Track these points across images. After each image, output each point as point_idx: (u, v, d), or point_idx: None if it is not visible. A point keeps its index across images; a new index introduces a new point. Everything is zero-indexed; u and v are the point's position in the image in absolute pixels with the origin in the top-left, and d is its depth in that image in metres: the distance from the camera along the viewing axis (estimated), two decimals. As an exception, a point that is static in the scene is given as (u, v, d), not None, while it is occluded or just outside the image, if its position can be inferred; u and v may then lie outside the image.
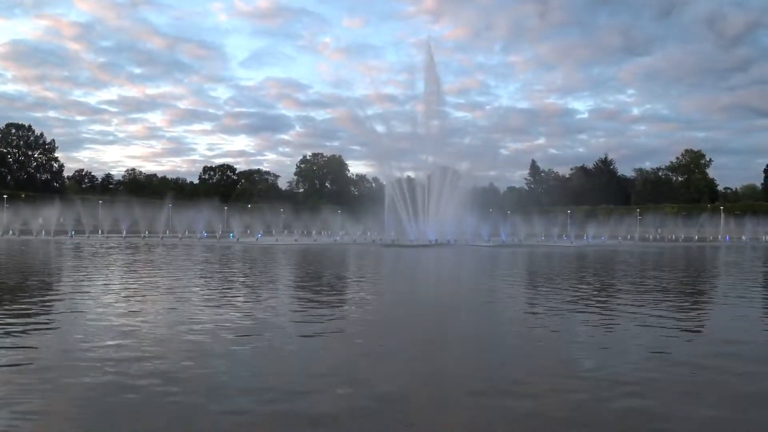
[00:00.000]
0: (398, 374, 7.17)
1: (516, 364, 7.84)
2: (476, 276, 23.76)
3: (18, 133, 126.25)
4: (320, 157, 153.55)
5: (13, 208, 76.19)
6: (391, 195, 60.07)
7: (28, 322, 10.37)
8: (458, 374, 7.36)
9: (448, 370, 7.63)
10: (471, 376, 7.20)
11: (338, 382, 6.78)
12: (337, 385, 6.62)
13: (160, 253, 33.63)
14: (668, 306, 13.69)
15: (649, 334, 9.93)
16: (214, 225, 73.59)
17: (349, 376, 7.08)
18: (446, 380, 7.04)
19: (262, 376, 7.04)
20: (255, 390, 6.32)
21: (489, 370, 7.45)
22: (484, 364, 7.88)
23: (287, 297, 15.03)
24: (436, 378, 7.09)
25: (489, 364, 7.79)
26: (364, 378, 6.95)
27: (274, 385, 6.52)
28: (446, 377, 7.21)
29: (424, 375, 7.22)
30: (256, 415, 5.59)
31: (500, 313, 12.61)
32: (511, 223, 62.48)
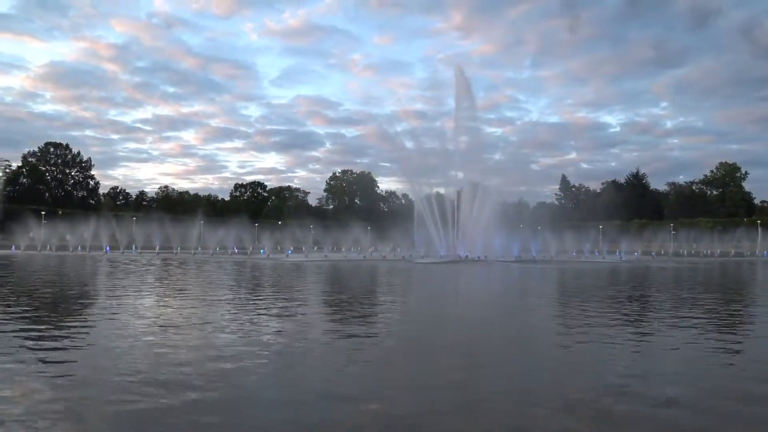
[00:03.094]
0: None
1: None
2: (513, 295, 23.47)
3: (56, 152, 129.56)
4: (350, 174, 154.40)
5: (51, 224, 78.01)
6: (420, 211, 60.02)
7: (69, 333, 10.62)
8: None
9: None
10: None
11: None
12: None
13: (195, 269, 34.03)
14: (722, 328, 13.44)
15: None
16: (244, 241, 74.26)
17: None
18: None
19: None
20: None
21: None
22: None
23: (320, 316, 15.10)
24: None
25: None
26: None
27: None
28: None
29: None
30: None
31: (558, 339, 11.66)
32: (542, 239, 61.87)
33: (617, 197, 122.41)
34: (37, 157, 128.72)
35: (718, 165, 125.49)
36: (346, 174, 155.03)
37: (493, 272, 37.14)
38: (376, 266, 41.85)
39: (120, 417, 6.10)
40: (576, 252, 66.58)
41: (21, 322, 12.46)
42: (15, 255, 54.11)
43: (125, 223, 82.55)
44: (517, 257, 54.59)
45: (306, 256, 56.34)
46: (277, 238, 77.86)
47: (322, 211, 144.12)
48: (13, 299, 17.22)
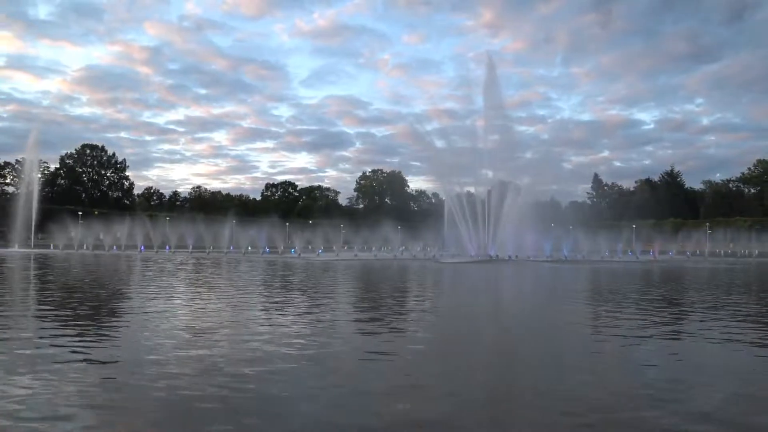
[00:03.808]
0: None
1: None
2: (544, 296, 23.24)
3: (92, 154, 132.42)
4: (380, 173, 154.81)
5: (87, 224, 79.78)
6: (450, 210, 59.85)
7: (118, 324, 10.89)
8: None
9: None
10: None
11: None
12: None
13: (228, 268, 34.46)
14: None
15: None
16: (275, 241, 74.93)
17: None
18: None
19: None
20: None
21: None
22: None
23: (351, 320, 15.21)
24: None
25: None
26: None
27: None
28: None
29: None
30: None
31: (602, 341, 11.18)
32: (574, 239, 61.23)
33: (651, 196, 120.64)
34: (74, 159, 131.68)
35: (756, 162, 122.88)
36: (377, 173, 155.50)
37: (524, 272, 36.88)
38: (405, 266, 41.88)
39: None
40: (609, 252, 65.68)
41: (64, 320, 12.78)
42: (54, 254, 55.39)
43: (159, 222, 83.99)
44: (549, 257, 54.11)
45: (336, 256, 56.62)
46: (308, 238, 78.42)
47: (352, 210, 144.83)
48: (59, 297, 17.70)
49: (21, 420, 5.77)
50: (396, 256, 59.41)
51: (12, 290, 20.45)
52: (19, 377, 7.38)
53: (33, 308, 15.05)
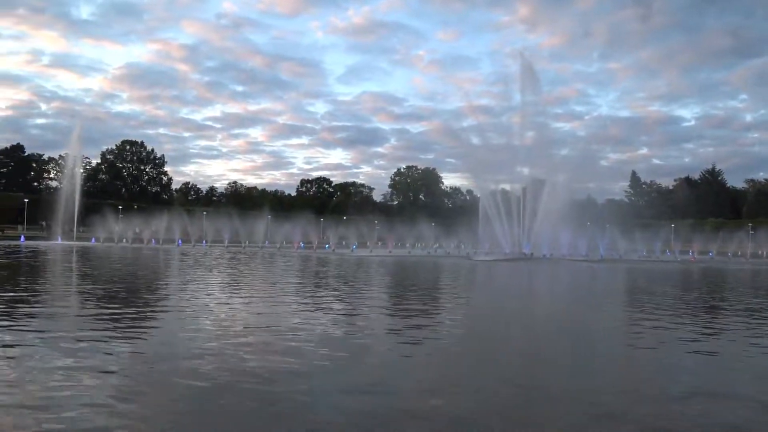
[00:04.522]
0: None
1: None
2: (579, 295, 23.01)
3: (132, 149, 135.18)
4: (414, 170, 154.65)
5: (127, 218, 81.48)
6: (485, 207, 59.52)
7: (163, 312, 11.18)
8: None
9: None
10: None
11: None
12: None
13: (264, 263, 34.86)
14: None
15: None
16: (310, 236, 75.50)
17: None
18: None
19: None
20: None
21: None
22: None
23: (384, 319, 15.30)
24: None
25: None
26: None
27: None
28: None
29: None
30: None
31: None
32: (611, 237, 60.29)
33: (691, 195, 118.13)
34: (115, 155, 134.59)
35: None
36: (411, 170, 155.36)
37: (559, 271, 36.53)
38: (439, 263, 41.83)
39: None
40: (646, 251, 64.54)
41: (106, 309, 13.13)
42: (95, 247, 56.72)
43: (196, 217, 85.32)
44: (585, 256, 53.45)
45: (370, 252, 56.79)
46: (342, 234, 78.80)
47: (386, 206, 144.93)
48: (102, 288, 18.20)
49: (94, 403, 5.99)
50: (429, 253, 59.34)
51: (75, 281, 21.08)
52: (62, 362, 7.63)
53: (88, 300, 15.49)
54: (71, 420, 5.60)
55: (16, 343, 9.04)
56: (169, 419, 5.82)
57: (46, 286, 19.38)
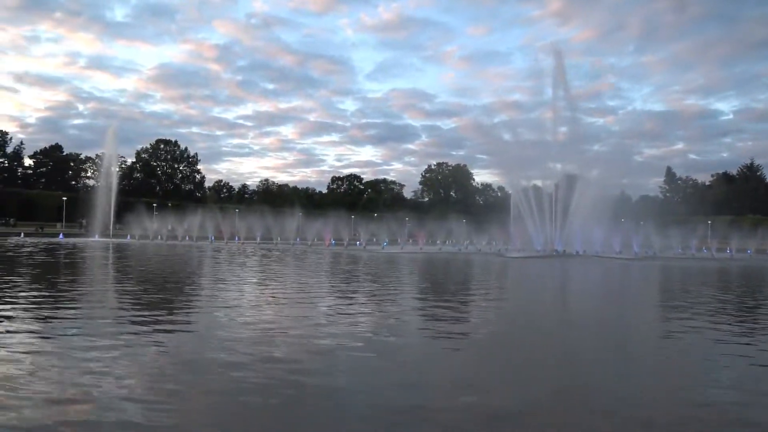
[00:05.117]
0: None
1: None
2: (612, 294, 22.68)
3: (166, 148, 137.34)
4: (445, 167, 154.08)
5: (161, 215, 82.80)
6: (516, 204, 59.11)
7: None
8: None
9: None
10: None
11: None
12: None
13: (298, 259, 35.09)
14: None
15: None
16: (341, 233, 75.80)
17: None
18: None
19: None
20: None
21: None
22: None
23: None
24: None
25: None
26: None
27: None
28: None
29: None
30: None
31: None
32: (645, 234, 59.28)
33: (728, 190, 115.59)
34: (149, 154, 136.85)
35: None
36: (442, 166, 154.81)
37: (592, 269, 36.11)
38: (470, 260, 41.67)
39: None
40: (681, 249, 63.26)
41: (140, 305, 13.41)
42: (131, 243, 57.78)
43: (229, 214, 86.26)
44: (618, 253, 52.71)
45: (401, 249, 56.79)
46: (373, 231, 78.92)
47: (417, 203, 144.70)
48: (141, 284, 18.58)
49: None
50: (461, 250, 59.13)
51: (122, 276, 21.55)
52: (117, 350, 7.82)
53: (130, 293, 15.84)
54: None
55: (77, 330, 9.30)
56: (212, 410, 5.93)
57: (102, 278, 19.85)
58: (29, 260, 28.79)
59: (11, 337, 9.41)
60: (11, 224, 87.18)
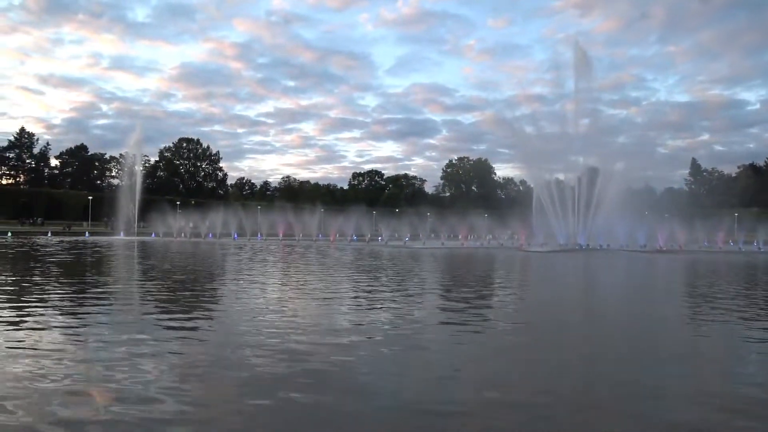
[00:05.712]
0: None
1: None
2: (639, 288, 22.33)
3: (188, 147, 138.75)
4: (466, 161, 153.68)
5: (185, 213, 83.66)
6: (539, 198, 58.75)
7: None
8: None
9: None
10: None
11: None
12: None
13: (320, 255, 35.18)
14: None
15: None
16: (363, 229, 76.00)
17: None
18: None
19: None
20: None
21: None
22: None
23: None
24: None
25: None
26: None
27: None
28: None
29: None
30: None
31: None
32: (670, 227, 58.54)
33: (756, 182, 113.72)
34: (172, 152, 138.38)
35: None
36: (463, 161, 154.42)
37: (617, 262, 35.77)
38: (493, 254, 41.53)
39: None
40: (708, 242, 62.36)
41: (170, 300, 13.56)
42: (155, 241, 58.44)
43: (251, 211, 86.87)
44: (643, 246, 52.11)
45: (423, 244, 56.76)
46: (394, 226, 78.98)
47: (438, 198, 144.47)
48: (170, 281, 18.79)
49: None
50: (483, 245, 58.93)
51: (154, 273, 21.84)
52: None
53: (161, 288, 16.04)
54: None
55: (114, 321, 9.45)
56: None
57: (132, 274, 20.11)
58: (61, 258, 29.26)
59: (50, 331, 9.57)
60: (39, 223, 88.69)
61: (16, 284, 17.01)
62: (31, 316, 11.26)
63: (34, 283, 17.44)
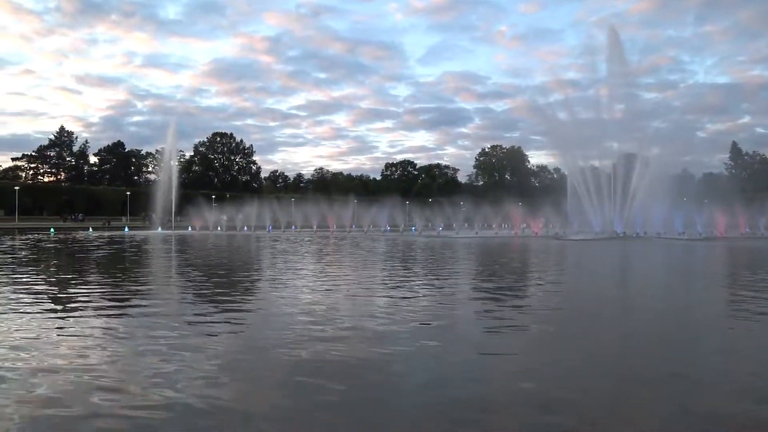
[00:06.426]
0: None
1: None
2: (681, 277, 21.79)
3: (222, 141, 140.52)
4: (499, 149, 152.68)
5: (220, 206, 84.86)
6: (573, 185, 58.07)
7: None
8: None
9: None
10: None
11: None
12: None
13: (355, 245, 35.30)
14: None
15: None
16: (396, 219, 76.09)
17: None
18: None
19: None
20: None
21: None
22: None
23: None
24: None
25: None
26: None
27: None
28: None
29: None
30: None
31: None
32: (709, 214, 57.29)
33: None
34: (206, 147, 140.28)
35: None
36: (496, 149, 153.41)
37: (655, 250, 35.17)
38: (528, 243, 41.22)
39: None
40: (749, 228, 60.83)
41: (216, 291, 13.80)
42: (192, 234, 59.37)
43: (285, 204, 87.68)
44: (681, 234, 51.17)
45: (457, 233, 56.62)
46: (428, 216, 78.86)
47: (472, 187, 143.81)
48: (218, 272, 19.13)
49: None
50: (517, 234, 58.54)
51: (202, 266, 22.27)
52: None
53: (208, 279, 16.36)
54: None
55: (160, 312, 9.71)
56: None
57: (173, 266, 20.52)
58: (108, 251, 30.04)
59: (96, 321, 9.84)
60: (80, 219, 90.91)
61: (63, 279, 17.42)
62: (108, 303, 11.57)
63: (97, 273, 17.87)
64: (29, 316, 10.56)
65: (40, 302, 12.33)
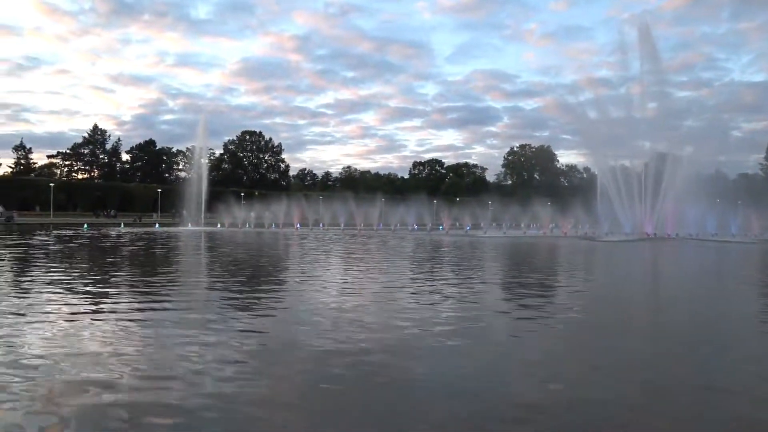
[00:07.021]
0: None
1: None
2: (714, 280, 21.46)
3: (251, 139, 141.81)
4: (528, 148, 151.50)
5: (249, 204, 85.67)
6: (603, 185, 57.44)
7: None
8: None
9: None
10: None
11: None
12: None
13: (383, 244, 35.36)
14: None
15: None
16: (423, 218, 76.04)
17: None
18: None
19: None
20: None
21: None
22: None
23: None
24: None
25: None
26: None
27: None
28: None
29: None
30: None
31: None
32: (743, 215, 56.14)
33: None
34: (236, 145, 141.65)
35: None
36: (525, 148, 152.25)
37: (688, 252, 34.63)
38: (557, 244, 40.85)
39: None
40: (787, 230, 59.45)
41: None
42: (221, 231, 60.06)
43: (313, 201, 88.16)
44: (714, 235, 50.26)
45: (484, 233, 56.37)
46: (456, 215, 78.66)
47: (500, 186, 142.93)
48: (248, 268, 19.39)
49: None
50: (546, 234, 58.08)
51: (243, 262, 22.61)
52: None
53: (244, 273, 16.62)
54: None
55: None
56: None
57: (204, 263, 20.86)
58: (139, 247, 30.62)
59: (131, 313, 10.06)
60: (113, 215, 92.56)
61: (101, 272, 17.78)
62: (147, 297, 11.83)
63: (129, 266, 18.25)
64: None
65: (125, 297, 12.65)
